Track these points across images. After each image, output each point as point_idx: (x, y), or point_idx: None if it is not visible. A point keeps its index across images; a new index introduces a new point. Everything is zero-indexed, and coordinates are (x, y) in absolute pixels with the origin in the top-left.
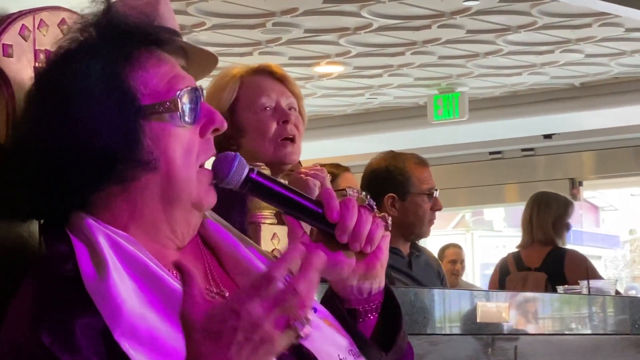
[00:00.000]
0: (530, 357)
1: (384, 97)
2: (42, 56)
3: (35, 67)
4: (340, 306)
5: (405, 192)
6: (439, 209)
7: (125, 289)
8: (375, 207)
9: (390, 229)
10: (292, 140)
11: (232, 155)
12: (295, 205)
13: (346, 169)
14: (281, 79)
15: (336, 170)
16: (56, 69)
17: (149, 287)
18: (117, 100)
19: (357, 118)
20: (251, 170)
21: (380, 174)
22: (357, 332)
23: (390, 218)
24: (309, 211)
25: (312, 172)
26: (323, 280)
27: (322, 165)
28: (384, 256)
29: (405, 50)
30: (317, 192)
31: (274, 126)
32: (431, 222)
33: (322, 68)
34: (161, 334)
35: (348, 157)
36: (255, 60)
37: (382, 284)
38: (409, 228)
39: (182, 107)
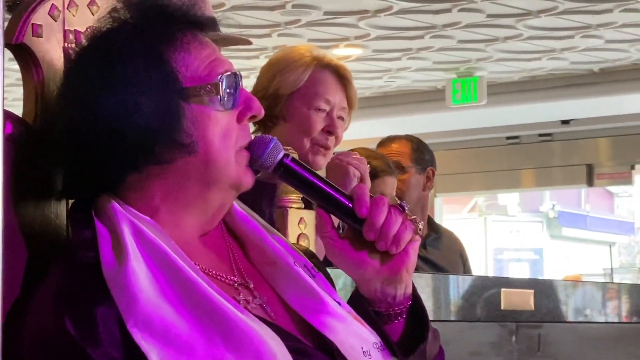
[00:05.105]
0: (554, 344)
1: (402, 81)
2: (71, 36)
3: (64, 47)
4: (366, 307)
5: None
6: None
7: (142, 279)
8: (406, 209)
9: (421, 233)
10: (327, 149)
11: (268, 138)
12: (325, 196)
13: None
14: (344, 82)
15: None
16: (97, 48)
17: (167, 278)
18: (159, 81)
19: (375, 101)
20: (286, 155)
21: (427, 146)
22: (383, 333)
23: (422, 222)
24: (339, 204)
25: (354, 161)
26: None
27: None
28: (411, 261)
29: (424, 33)
30: (355, 183)
31: (318, 130)
32: None
33: (340, 50)
34: (175, 327)
35: (365, 140)
36: (274, 42)
37: (409, 290)
38: None
39: (222, 92)
